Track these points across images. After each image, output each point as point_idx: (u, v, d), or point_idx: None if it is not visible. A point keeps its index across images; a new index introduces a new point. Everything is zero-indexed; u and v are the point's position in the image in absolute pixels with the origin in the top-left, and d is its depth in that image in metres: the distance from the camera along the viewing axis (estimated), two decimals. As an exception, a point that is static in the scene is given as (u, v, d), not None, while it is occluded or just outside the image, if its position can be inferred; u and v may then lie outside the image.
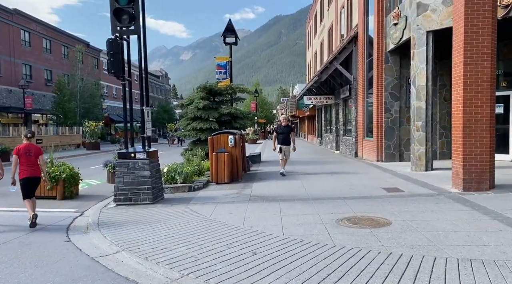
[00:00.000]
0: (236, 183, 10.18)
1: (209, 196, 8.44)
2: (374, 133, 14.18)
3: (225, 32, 16.52)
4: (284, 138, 11.29)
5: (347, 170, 12.09)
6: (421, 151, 10.87)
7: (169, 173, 9.60)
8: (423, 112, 10.82)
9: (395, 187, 8.56)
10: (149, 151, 7.99)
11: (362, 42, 16.02)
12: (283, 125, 11.57)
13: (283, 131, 11.36)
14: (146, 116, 8.11)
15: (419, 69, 10.77)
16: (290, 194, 8.31)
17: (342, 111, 20.19)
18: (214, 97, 14.70)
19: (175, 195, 8.80)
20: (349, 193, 8.15)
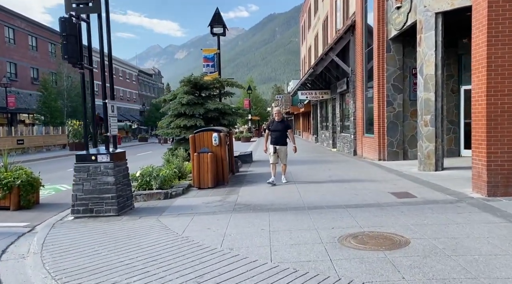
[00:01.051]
0: (222, 187, 8.92)
1: (187, 205, 7.17)
2: (375, 129, 12.97)
3: (212, 22, 15.24)
4: (278, 136, 9.06)
5: (347, 171, 10.86)
6: (430, 149, 9.65)
7: (143, 177, 8.32)
8: (432, 104, 9.60)
9: (405, 192, 7.33)
10: (114, 153, 6.71)
11: (360, 31, 14.79)
12: (277, 120, 9.15)
13: (277, 128, 9.06)
14: (110, 111, 6.82)
15: (427, 56, 9.55)
16: (283, 201, 7.06)
17: (339, 106, 18.97)
18: (200, 92, 13.44)
19: (148, 204, 7.52)
20: (351, 199, 6.91)
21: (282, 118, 9.25)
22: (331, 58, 15.91)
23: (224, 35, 15.56)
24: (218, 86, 13.41)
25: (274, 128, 9.12)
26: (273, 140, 9.13)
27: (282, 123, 9.17)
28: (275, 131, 9.08)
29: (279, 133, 9.05)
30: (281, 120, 9.20)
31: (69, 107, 37.51)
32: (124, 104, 60.94)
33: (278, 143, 9.05)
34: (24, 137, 27.23)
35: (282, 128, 9.10)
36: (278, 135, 9.05)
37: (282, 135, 9.08)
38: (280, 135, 9.06)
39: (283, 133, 9.09)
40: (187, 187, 8.76)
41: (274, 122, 9.25)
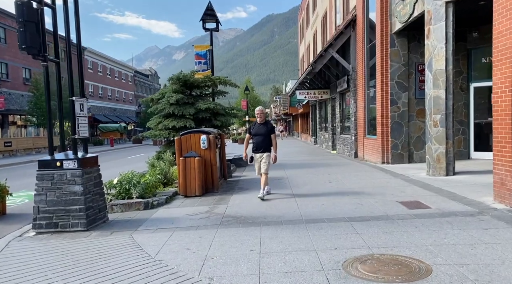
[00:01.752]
0: (211, 195, 8.04)
1: (168, 217, 6.28)
2: (378, 130, 12.11)
3: (204, 16, 14.38)
4: (259, 141, 7.52)
5: (348, 176, 9.99)
6: (440, 151, 8.80)
7: (121, 185, 7.44)
8: (442, 102, 8.75)
9: (417, 201, 6.46)
10: (82, 158, 5.83)
11: (361, 26, 13.94)
12: (259, 122, 7.64)
13: (259, 132, 7.55)
14: (78, 110, 5.94)
15: (436, 50, 8.70)
16: (277, 212, 6.19)
17: (339, 106, 18.11)
18: (190, 90, 12.57)
19: (124, 215, 6.63)
20: (355, 210, 6.04)
21: (265, 119, 7.71)
22: (330, 54, 15.05)
23: (217, 31, 14.71)
24: (210, 84, 12.54)
25: (255, 132, 7.62)
26: (254, 145, 7.65)
27: (265, 126, 7.59)
28: (257, 136, 7.59)
29: (261, 138, 7.53)
30: (263, 122, 7.65)
31: (62, 108, 36.60)
32: (120, 105, 60.02)
33: (259, 149, 7.54)
34: (12, 139, 26.31)
35: (265, 132, 7.52)
36: (260, 140, 7.53)
37: (264, 140, 7.52)
38: (262, 140, 7.53)
39: (266, 138, 7.51)
40: (172, 195, 7.88)
41: (255, 124, 7.73)
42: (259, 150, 7.56)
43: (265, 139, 7.51)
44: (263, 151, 7.54)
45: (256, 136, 7.57)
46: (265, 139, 7.51)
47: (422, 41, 11.37)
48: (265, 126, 7.58)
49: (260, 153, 7.56)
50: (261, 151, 7.54)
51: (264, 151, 7.52)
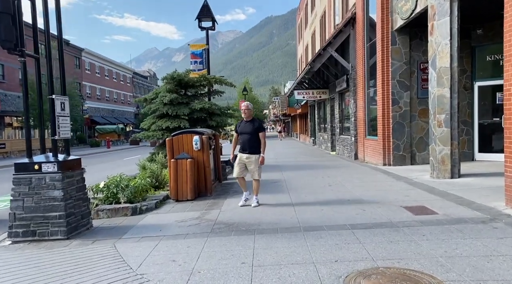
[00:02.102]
0: (203, 199, 7.62)
1: (156, 224, 5.86)
2: (379, 130, 11.70)
3: (199, 15, 13.98)
4: (246, 141, 6.73)
5: (349, 178, 9.57)
6: (445, 153, 8.39)
7: (108, 188, 7.01)
8: (446, 102, 8.34)
9: (422, 206, 6.05)
10: (63, 161, 5.41)
11: (361, 24, 13.55)
12: (245, 120, 6.88)
13: (245, 130, 6.78)
14: (59, 109, 5.53)
15: (440, 46, 8.30)
16: (273, 218, 5.77)
17: (338, 106, 17.71)
18: (185, 90, 12.18)
19: (110, 222, 6.21)
20: (357, 217, 5.62)
21: (251, 116, 6.89)
22: (329, 53, 14.66)
23: (213, 29, 14.33)
24: (205, 83, 12.13)
25: (241, 130, 6.85)
26: (240, 145, 6.88)
27: (251, 123, 6.78)
28: (243, 134, 6.81)
29: (247, 137, 6.71)
30: (250, 119, 6.83)
31: (58, 110, 36.20)
32: (118, 106, 59.59)
33: (246, 149, 6.72)
34: (6, 141, 25.88)
35: (252, 130, 6.69)
36: (246, 139, 6.71)
37: (251, 139, 6.69)
38: (248, 139, 6.69)
39: (253, 137, 6.69)
40: (163, 200, 7.46)
41: (242, 122, 6.97)
42: (245, 151, 6.74)
43: (252, 138, 6.68)
44: (250, 152, 6.70)
45: (242, 134, 6.81)
46: (251, 138, 6.68)
47: (425, 39, 11.00)
48: (251, 124, 6.76)
49: (247, 154, 6.72)
50: (248, 151, 6.71)
51: (251, 152, 6.68)
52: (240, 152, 6.80)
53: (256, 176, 6.77)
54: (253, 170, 6.74)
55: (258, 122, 6.86)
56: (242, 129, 6.85)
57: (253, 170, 6.74)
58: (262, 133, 6.79)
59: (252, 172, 6.77)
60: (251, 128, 6.72)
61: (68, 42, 47.52)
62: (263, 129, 6.84)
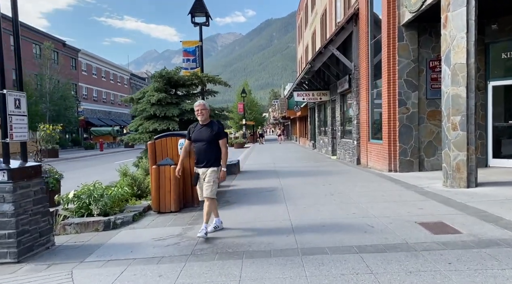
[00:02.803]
0: (189, 211, 6.74)
1: (129, 243, 4.98)
2: (384, 134, 10.85)
3: (192, 10, 13.14)
4: (201, 151, 5.15)
5: (352, 186, 8.70)
6: (460, 159, 7.53)
7: (80, 199, 6.14)
8: (462, 102, 7.49)
9: (440, 222, 5.18)
10: (16, 169, 4.54)
11: (364, 20, 12.73)
12: (201, 123, 5.23)
13: (199, 136, 5.17)
14: (13, 107, 4.66)
15: (455, 40, 7.45)
16: (266, 237, 4.89)
17: (340, 108, 16.85)
18: (175, 89, 11.30)
19: (77, 239, 5.33)
20: (366, 236, 4.75)
21: (209, 118, 5.29)
22: (331, 51, 13.81)
23: (207, 26, 13.45)
24: (197, 82, 11.26)
25: (196, 137, 5.19)
26: (196, 156, 5.26)
27: (208, 127, 5.15)
28: (197, 142, 5.18)
29: (203, 146, 5.09)
30: (207, 122, 5.21)
31: (52, 111, 35.37)
32: (115, 108, 58.75)
33: (201, 162, 5.12)
34: (-5, 143, 24.98)
35: (208, 136, 5.08)
36: (201, 149, 5.11)
37: (207, 148, 5.08)
38: (204, 148, 5.09)
39: (210, 145, 5.08)
40: (143, 211, 6.58)
41: (196, 125, 5.30)
42: (201, 164, 5.12)
43: (209, 147, 5.07)
44: (207, 165, 5.07)
45: (197, 142, 5.16)
46: (208, 147, 5.07)
47: (434, 35, 10.18)
48: (208, 128, 5.13)
49: (203, 168, 5.09)
50: (203, 165, 5.09)
51: (208, 165, 5.07)
52: (196, 165, 5.19)
53: (208, 193, 5.02)
54: (205, 184, 5.05)
55: (217, 125, 5.22)
56: (196, 135, 5.17)
57: (206, 185, 5.03)
58: (223, 140, 5.18)
59: (204, 189, 5.05)
60: (208, 134, 5.08)
61: (64, 43, 46.72)
62: (224, 134, 5.23)
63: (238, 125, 52.24)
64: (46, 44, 35.65)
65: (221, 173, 5.16)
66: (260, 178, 10.82)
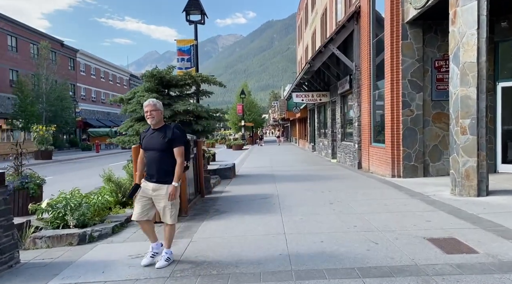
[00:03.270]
0: (176, 221, 6.19)
1: (102, 261, 4.43)
2: (387, 137, 10.31)
3: (187, 7, 12.64)
4: (152, 161, 4.18)
5: (353, 194, 8.14)
6: (470, 165, 6.98)
7: (55, 209, 5.60)
8: (472, 104, 6.95)
9: (452, 238, 4.63)
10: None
11: (366, 18, 12.20)
12: (153, 127, 4.24)
13: (151, 144, 4.19)
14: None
15: (465, 37, 6.92)
16: (256, 255, 4.34)
17: (340, 110, 16.31)
18: (168, 90, 10.78)
19: (46, 255, 4.78)
20: (370, 254, 4.19)
21: (163, 121, 4.28)
22: (331, 51, 13.28)
23: (203, 24, 12.94)
24: (190, 82, 10.72)
25: (146, 144, 4.23)
26: (146, 168, 4.27)
27: (161, 132, 4.16)
28: (148, 151, 4.20)
29: (155, 155, 4.14)
30: (160, 126, 4.22)
31: (48, 112, 34.86)
32: (114, 109, 58.23)
33: (153, 176, 4.14)
34: (-10, 144, 24.49)
35: (161, 143, 4.11)
36: (154, 159, 4.14)
37: (162, 158, 4.13)
38: (155, 159, 4.13)
39: (163, 155, 4.12)
40: (124, 222, 6.03)
41: (148, 130, 4.33)
42: (152, 178, 4.13)
43: (162, 157, 4.10)
44: (160, 180, 4.10)
45: (147, 151, 4.20)
46: (162, 156, 4.10)
47: (440, 33, 9.66)
48: (161, 134, 4.12)
49: (154, 184, 4.11)
50: (156, 179, 4.11)
51: (162, 180, 4.09)
52: (146, 180, 4.20)
53: (168, 219, 4.15)
54: (163, 208, 4.13)
55: (173, 130, 4.15)
56: (147, 142, 4.20)
57: (164, 209, 4.13)
58: (178, 149, 4.10)
59: (162, 212, 4.16)
60: (160, 141, 4.09)
61: (62, 43, 46.25)
62: (180, 141, 4.13)
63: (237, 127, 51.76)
64: (43, 44, 35.17)
65: (171, 189, 4.06)
66: (255, 183, 10.27)
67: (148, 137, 4.24)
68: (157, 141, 4.13)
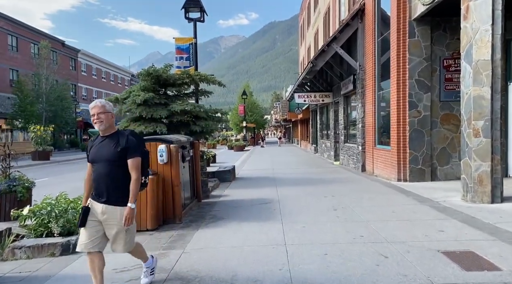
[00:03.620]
0: (168, 229, 5.77)
1: (83, 275, 4.00)
2: (393, 139, 9.89)
3: (186, 4, 12.24)
4: (100, 176, 3.26)
5: (358, 199, 7.72)
6: (483, 170, 6.56)
7: (36, 215, 5.21)
8: (486, 104, 6.53)
9: (470, 252, 4.20)
10: None
11: (371, 16, 11.79)
12: (102, 134, 3.36)
13: (99, 155, 3.28)
14: None
15: (478, 34, 6.50)
16: (254, 271, 3.93)
17: (343, 111, 15.88)
18: (165, 89, 10.40)
19: (25, 267, 4.38)
20: (379, 271, 3.77)
21: (114, 127, 3.39)
22: (334, 50, 12.87)
23: (202, 21, 12.55)
24: (188, 81, 10.34)
25: (94, 156, 3.34)
26: (94, 186, 3.34)
27: (112, 140, 3.31)
28: (96, 163, 3.32)
29: (105, 168, 3.26)
30: (112, 133, 3.36)
31: (48, 112, 34.55)
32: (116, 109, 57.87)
33: (101, 194, 3.27)
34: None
35: (111, 154, 3.26)
36: (102, 173, 3.27)
37: (112, 172, 3.26)
38: (107, 172, 3.26)
39: (116, 169, 3.27)
40: (114, 229, 5.63)
41: (96, 139, 3.44)
42: (101, 198, 3.25)
43: (114, 171, 3.25)
44: (110, 200, 3.24)
45: (95, 163, 3.32)
46: (113, 170, 3.25)
47: (449, 30, 9.25)
48: (112, 142, 3.29)
49: (103, 204, 3.24)
50: (106, 199, 3.24)
51: (113, 200, 3.24)
52: (93, 199, 3.30)
53: (121, 248, 3.31)
54: (115, 235, 3.26)
55: (127, 137, 3.30)
56: (95, 153, 3.31)
57: (116, 236, 3.27)
58: (134, 160, 3.26)
59: (113, 239, 3.28)
60: (112, 151, 3.24)
61: (63, 43, 45.99)
62: (136, 151, 3.30)
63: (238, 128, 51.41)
64: (43, 43, 34.89)
65: (126, 211, 3.18)
66: (256, 187, 9.87)
67: (96, 146, 3.33)
68: (108, 151, 3.24)
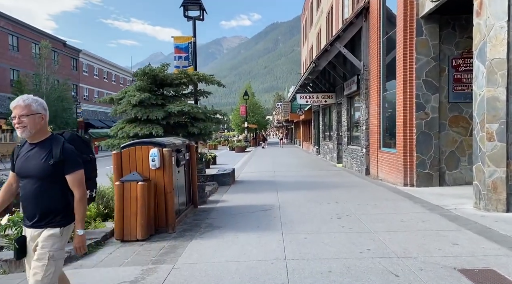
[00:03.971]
0: (160, 239, 5.37)
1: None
2: (399, 142, 9.48)
3: (185, 2, 11.87)
4: (28, 193, 2.49)
5: (363, 206, 7.30)
6: (498, 176, 6.14)
7: (19, 225, 4.82)
8: (500, 106, 6.12)
9: (490, 270, 3.80)
10: None
11: (376, 14, 11.38)
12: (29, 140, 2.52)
13: (25, 168, 2.49)
14: None
15: (493, 31, 6.09)
16: (250, 290, 3.54)
17: (347, 112, 15.47)
18: (162, 89, 10.03)
19: (2, 282, 4.01)
20: (389, 292, 3.38)
21: (46, 132, 2.56)
22: (337, 49, 12.46)
23: (202, 20, 12.17)
24: (186, 81, 9.95)
25: (19, 168, 2.53)
26: (21, 207, 2.66)
27: (43, 149, 2.48)
28: (23, 177, 2.53)
29: (32, 185, 2.47)
30: (43, 139, 2.52)
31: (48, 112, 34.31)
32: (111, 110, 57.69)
33: (32, 216, 2.50)
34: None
35: (41, 167, 2.44)
36: (31, 192, 2.48)
37: (43, 191, 2.47)
38: (36, 190, 2.47)
39: (48, 185, 2.48)
40: (102, 239, 5.25)
41: (24, 146, 2.57)
42: (31, 220, 2.50)
43: (44, 189, 2.48)
44: (39, 222, 2.49)
45: (22, 179, 2.54)
46: (42, 189, 2.48)
47: (458, 28, 8.84)
48: (43, 152, 2.49)
49: (33, 229, 2.51)
50: (34, 222, 2.49)
51: (42, 223, 2.49)
52: (23, 224, 2.63)
53: (38, 281, 2.39)
54: (34, 262, 2.46)
55: (63, 145, 2.52)
56: (20, 166, 2.54)
57: (35, 263, 2.44)
58: (74, 175, 2.53)
59: (32, 270, 2.45)
60: (41, 165, 2.47)
61: (65, 43, 45.73)
62: (76, 163, 2.54)
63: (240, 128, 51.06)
64: (43, 43, 34.63)
65: (76, 239, 2.55)
66: (255, 191, 9.47)
67: (22, 157, 2.53)
68: (36, 165, 2.46)
